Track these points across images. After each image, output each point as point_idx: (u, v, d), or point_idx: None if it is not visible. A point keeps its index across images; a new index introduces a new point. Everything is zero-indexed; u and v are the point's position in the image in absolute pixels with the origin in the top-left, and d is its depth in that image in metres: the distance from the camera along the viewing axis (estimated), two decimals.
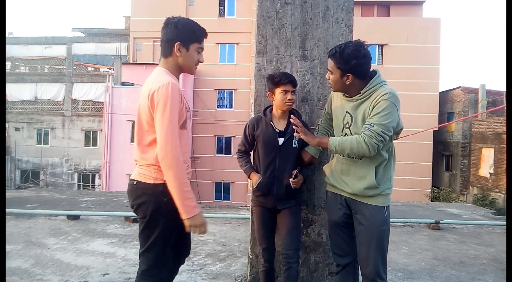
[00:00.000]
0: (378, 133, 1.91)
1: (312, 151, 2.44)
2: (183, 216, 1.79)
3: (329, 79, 2.10)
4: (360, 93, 2.05)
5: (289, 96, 2.37)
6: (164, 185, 1.82)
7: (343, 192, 2.17)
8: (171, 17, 1.89)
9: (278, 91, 2.37)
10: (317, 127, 2.50)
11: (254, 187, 2.44)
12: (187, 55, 1.90)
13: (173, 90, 1.77)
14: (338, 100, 2.23)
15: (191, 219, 1.80)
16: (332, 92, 2.31)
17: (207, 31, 1.98)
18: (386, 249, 2.09)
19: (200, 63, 1.98)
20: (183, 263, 2.18)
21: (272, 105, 2.50)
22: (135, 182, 1.90)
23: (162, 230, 1.87)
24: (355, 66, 1.99)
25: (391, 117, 1.94)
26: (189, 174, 1.96)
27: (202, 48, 1.95)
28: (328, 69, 2.09)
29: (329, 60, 2.07)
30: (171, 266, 2.01)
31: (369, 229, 2.06)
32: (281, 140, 2.40)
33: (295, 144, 2.41)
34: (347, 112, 2.12)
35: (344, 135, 2.13)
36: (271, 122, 2.43)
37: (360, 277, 2.20)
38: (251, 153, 2.58)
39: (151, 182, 1.85)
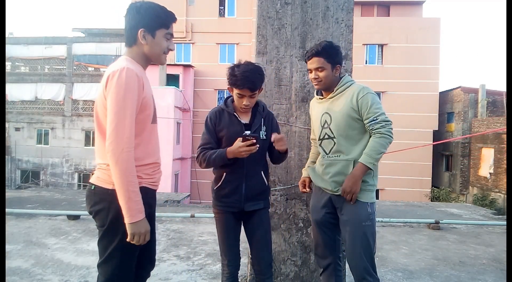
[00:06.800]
0: (385, 121, 2.04)
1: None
2: (126, 220, 1.58)
3: (318, 78, 2.14)
4: (333, 91, 2.17)
5: (245, 101, 2.07)
6: None
7: (326, 189, 2.20)
8: (133, 2, 1.66)
9: (235, 92, 2.09)
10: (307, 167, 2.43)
11: (242, 143, 1.99)
12: (153, 43, 1.70)
13: (128, 76, 1.57)
14: (313, 106, 2.35)
15: (134, 225, 1.58)
16: (310, 107, 2.41)
17: (175, 15, 1.77)
18: (372, 246, 2.09)
19: (170, 51, 1.79)
20: (148, 277, 1.91)
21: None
22: (93, 187, 1.70)
23: (122, 239, 1.64)
24: (341, 57, 2.21)
25: (380, 104, 2.10)
26: (159, 174, 1.79)
27: (171, 35, 1.75)
28: (314, 69, 2.14)
29: (315, 59, 2.13)
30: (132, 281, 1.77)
31: (353, 225, 2.08)
32: (247, 133, 2.09)
33: (263, 135, 2.15)
34: (325, 113, 2.19)
35: (324, 136, 2.19)
36: (234, 114, 2.15)
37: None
38: None
39: (110, 187, 1.64)
